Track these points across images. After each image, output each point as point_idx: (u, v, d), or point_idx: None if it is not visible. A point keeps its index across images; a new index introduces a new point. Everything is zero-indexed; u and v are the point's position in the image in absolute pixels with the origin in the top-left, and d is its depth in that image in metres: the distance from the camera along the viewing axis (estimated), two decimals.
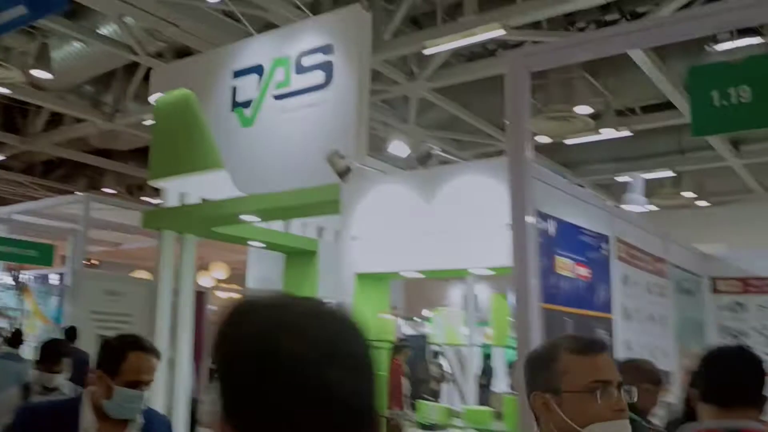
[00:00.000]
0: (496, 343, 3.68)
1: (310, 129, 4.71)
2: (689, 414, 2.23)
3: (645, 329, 4.50)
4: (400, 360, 9.20)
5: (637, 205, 4.10)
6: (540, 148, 10.86)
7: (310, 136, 4.69)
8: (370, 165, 4.51)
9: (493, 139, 10.10)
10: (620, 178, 11.81)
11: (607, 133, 9.18)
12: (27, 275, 9.17)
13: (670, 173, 11.41)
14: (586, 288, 4.01)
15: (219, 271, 12.60)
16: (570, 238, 3.94)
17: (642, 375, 2.98)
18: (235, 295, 11.74)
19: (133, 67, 8.62)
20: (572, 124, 9.20)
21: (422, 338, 10.39)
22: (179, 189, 5.71)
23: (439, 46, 6.96)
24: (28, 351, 6.49)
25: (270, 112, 4.96)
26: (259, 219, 5.36)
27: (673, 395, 3.85)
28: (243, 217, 5.17)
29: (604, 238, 4.27)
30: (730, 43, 6.28)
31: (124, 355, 2.16)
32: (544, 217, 3.72)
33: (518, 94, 3.50)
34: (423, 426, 4.08)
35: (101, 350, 2.26)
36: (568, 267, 3.87)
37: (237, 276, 11.90)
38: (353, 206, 4.47)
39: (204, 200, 5.66)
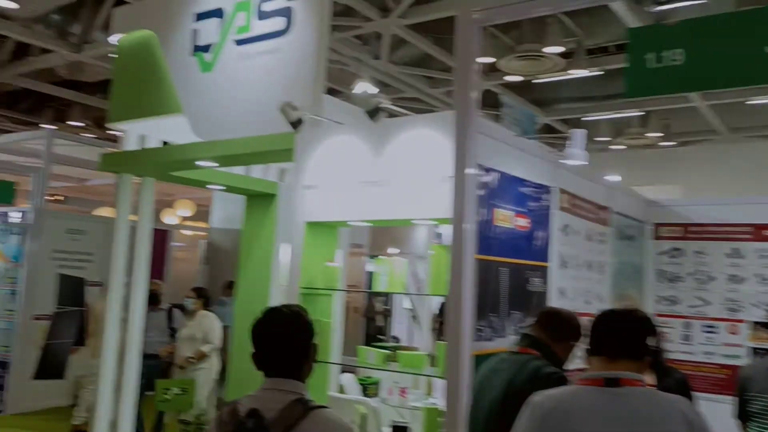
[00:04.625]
0: (433, 293, 3.85)
1: (268, 76, 4.69)
2: None
3: (581, 276, 4.72)
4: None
5: (576, 159, 4.22)
6: (510, 87, 10.88)
7: (268, 84, 4.67)
8: (327, 116, 4.56)
9: None
10: (588, 118, 11.95)
11: (578, 73, 9.23)
12: None
13: (637, 113, 11.56)
14: (524, 238, 4.19)
15: (184, 209, 12.41)
16: (511, 190, 4.08)
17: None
18: (200, 233, 11.82)
19: None
20: (542, 63, 9.22)
21: None
22: (139, 132, 5.73)
23: None
24: None
25: (230, 58, 4.91)
26: (216, 164, 5.44)
27: None
28: (199, 162, 5.23)
29: (546, 189, 4.42)
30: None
31: None
32: (486, 170, 3.85)
33: (467, 48, 3.55)
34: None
35: None
36: (507, 218, 4.04)
37: (203, 213, 11.89)
38: (307, 155, 4.57)
39: (165, 143, 5.70)
